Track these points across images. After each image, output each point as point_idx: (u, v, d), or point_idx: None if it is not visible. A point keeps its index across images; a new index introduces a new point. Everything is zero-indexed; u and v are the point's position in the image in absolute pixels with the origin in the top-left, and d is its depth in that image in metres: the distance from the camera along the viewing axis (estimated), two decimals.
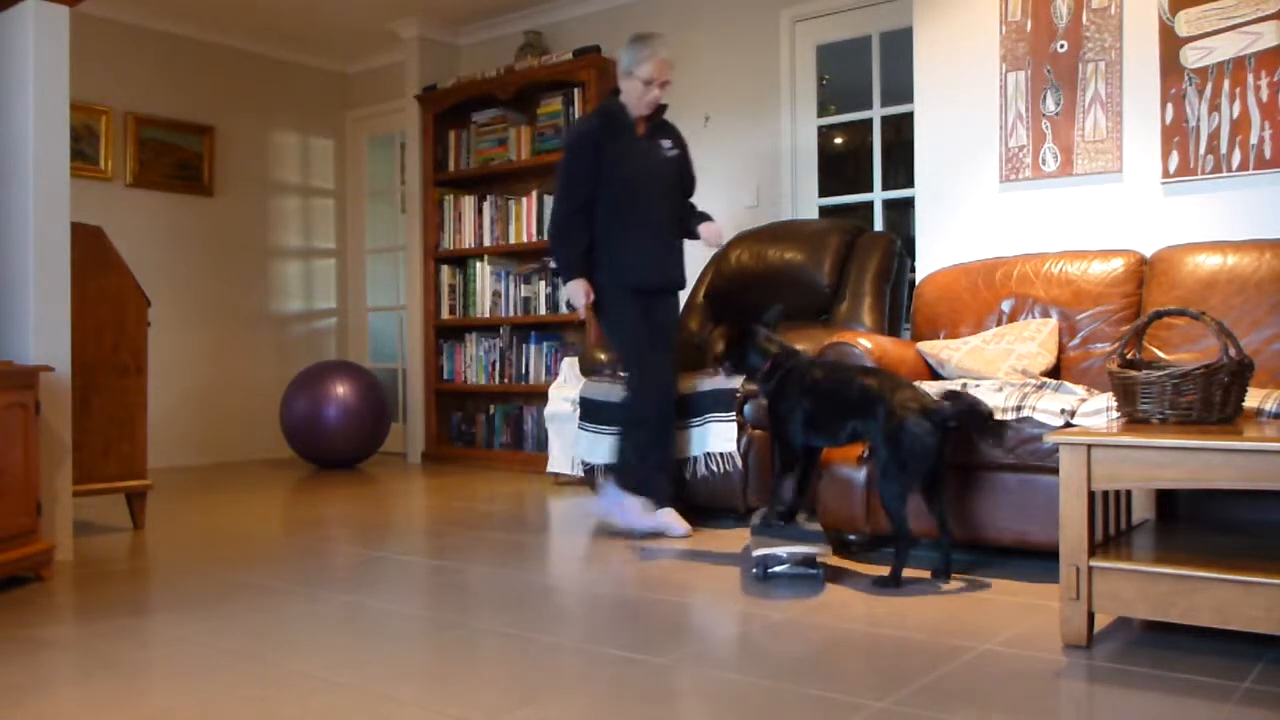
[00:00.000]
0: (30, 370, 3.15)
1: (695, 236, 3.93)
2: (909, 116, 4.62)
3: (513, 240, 6.12)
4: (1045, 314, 3.68)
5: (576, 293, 3.78)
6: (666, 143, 3.88)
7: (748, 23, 5.44)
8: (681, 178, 3.94)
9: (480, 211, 6.28)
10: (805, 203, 5.30)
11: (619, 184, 3.75)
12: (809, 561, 3.01)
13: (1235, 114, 3.57)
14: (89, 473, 3.80)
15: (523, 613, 2.66)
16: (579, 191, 3.74)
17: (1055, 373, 3.58)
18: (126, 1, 6.09)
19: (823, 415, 3.12)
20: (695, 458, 3.92)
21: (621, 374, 3.83)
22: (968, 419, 2.90)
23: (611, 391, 4.23)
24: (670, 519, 3.68)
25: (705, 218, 3.96)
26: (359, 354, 7.39)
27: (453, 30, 6.69)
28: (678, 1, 5.71)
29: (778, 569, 3.06)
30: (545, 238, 3.83)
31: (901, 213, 5.35)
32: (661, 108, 3.86)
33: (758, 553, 3.02)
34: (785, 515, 3.26)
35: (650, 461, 3.70)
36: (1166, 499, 2.80)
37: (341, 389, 5.93)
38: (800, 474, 3.25)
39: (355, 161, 7.44)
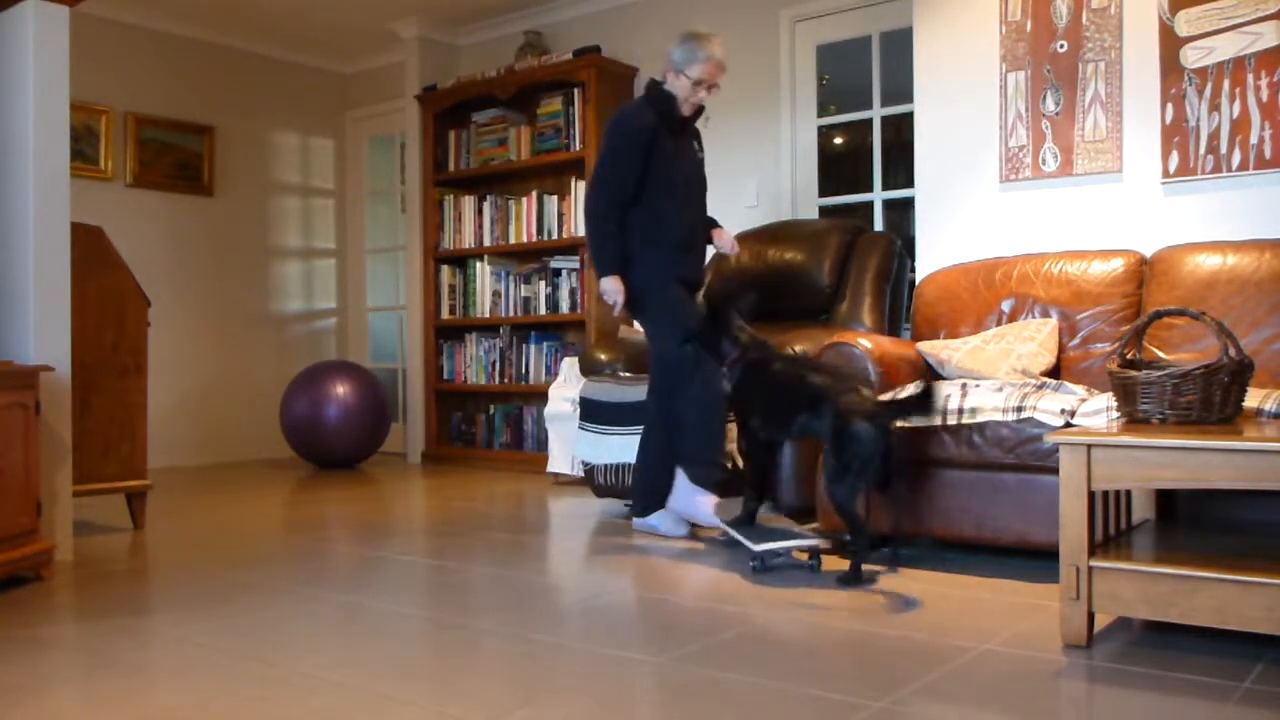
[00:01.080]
0: (30, 370, 3.15)
1: (710, 241, 3.91)
2: (909, 116, 4.62)
3: (513, 240, 6.12)
4: (1045, 314, 3.68)
5: (616, 289, 3.66)
6: (696, 144, 3.85)
7: (748, 23, 5.44)
8: (704, 181, 3.91)
9: (480, 211, 6.28)
10: (805, 203, 5.30)
11: (668, 181, 3.65)
12: (813, 553, 3.09)
13: (1235, 114, 3.57)
14: (89, 473, 3.80)
15: (523, 613, 2.66)
16: (626, 184, 3.61)
17: (1055, 373, 3.58)
18: (126, 1, 6.09)
19: (776, 409, 3.15)
20: None
21: (691, 366, 3.59)
22: (916, 407, 2.96)
23: (612, 391, 4.23)
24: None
25: (715, 223, 3.95)
26: (359, 354, 7.39)
27: (453, 30, 6.69)
28: (677, 1, 5.71)
29: (776, 562, 3.12)
30: (584, 225, 3.77)
31: (901, 213, 5.35)
32: (699, 110, 3.77)
33: (759, 548, 3.05)
34: (746, 519, 3.29)
35: (710, 440, 3.58)
36: (1166, 499, 2.80)
37: (341, 389, 5.93)
38: (760, 470, 3.28)
39: (355, 161, 7.44)
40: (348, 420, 5.93)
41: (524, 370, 6.11)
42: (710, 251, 4.03)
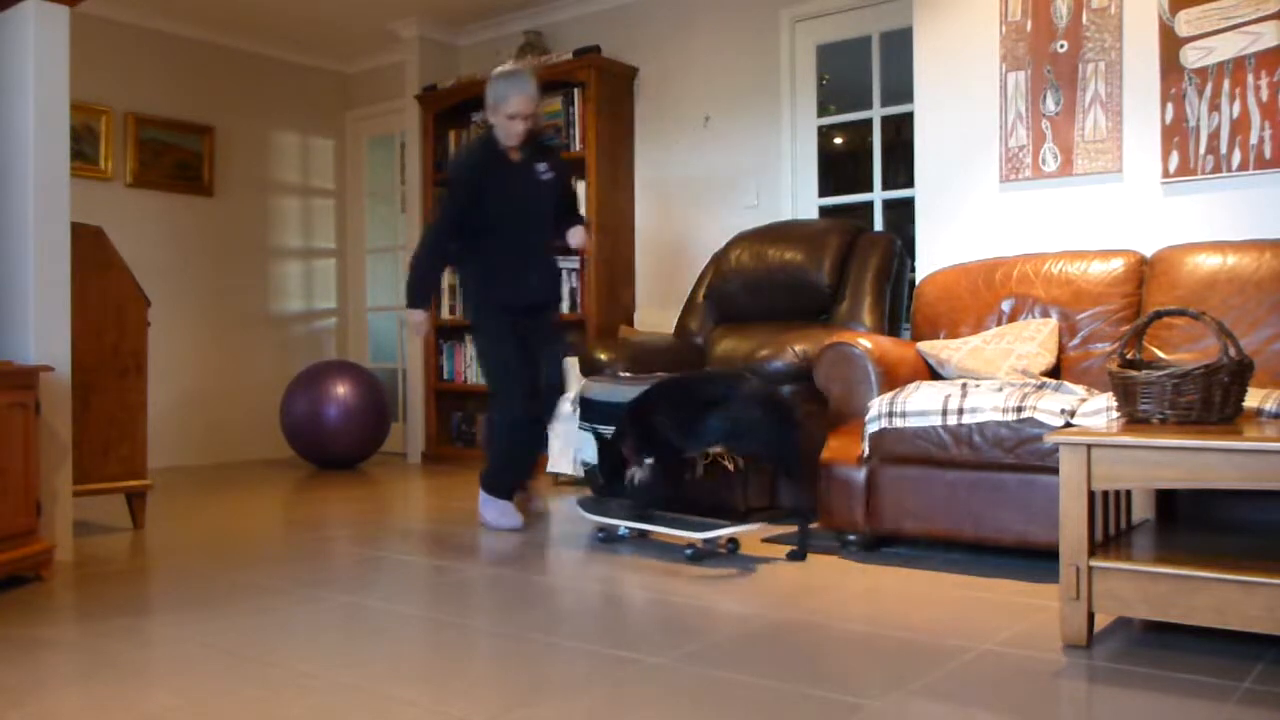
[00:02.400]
0: (30, 370, 3.15)
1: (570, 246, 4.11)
2: (909, 116, 4.62)
3: None
4: (1045, 314, 3.68)
5: (422, 321, 4.08)
6: (542, 166, 4.02)
7: (748, 23, 5.44)
8: (558, 199, 4.08)
9: None
10: (805, 203, 5.30)
11: (493, 212, 3.93)
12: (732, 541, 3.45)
13: (1235, 114, 3.57)
14: (89, 473, 3.80)
15: (522, 613, 2.66)
16: (455, 220, 3.96)
17: (1055, 373, 3.58)
18: (126, 1, 6.09)
19: (685, 417, 3.40)
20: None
21: (491, 391, 4.05)
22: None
23: (612, 391, 4.23)
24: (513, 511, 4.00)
25: (576, 222, 4.12)
26: (359, 354, 7.39)
27: (453, 30, 6.69)
28: (677, 1, 5.71)
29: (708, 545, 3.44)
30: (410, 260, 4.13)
31: (901, 213, 5.35)
32: (535, 134, 4.03)
33: (708, 535, 3.28)
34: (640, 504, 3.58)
35: (514, 466, 4.03)
36: (1166, 499, 2.80)
37: (342, 389, 5.94)
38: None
39: (355, 161, 7.44)
40: (348, 420, 5.93)
41: None
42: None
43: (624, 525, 3.58)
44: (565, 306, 5.86)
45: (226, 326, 6.73)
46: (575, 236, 4.06)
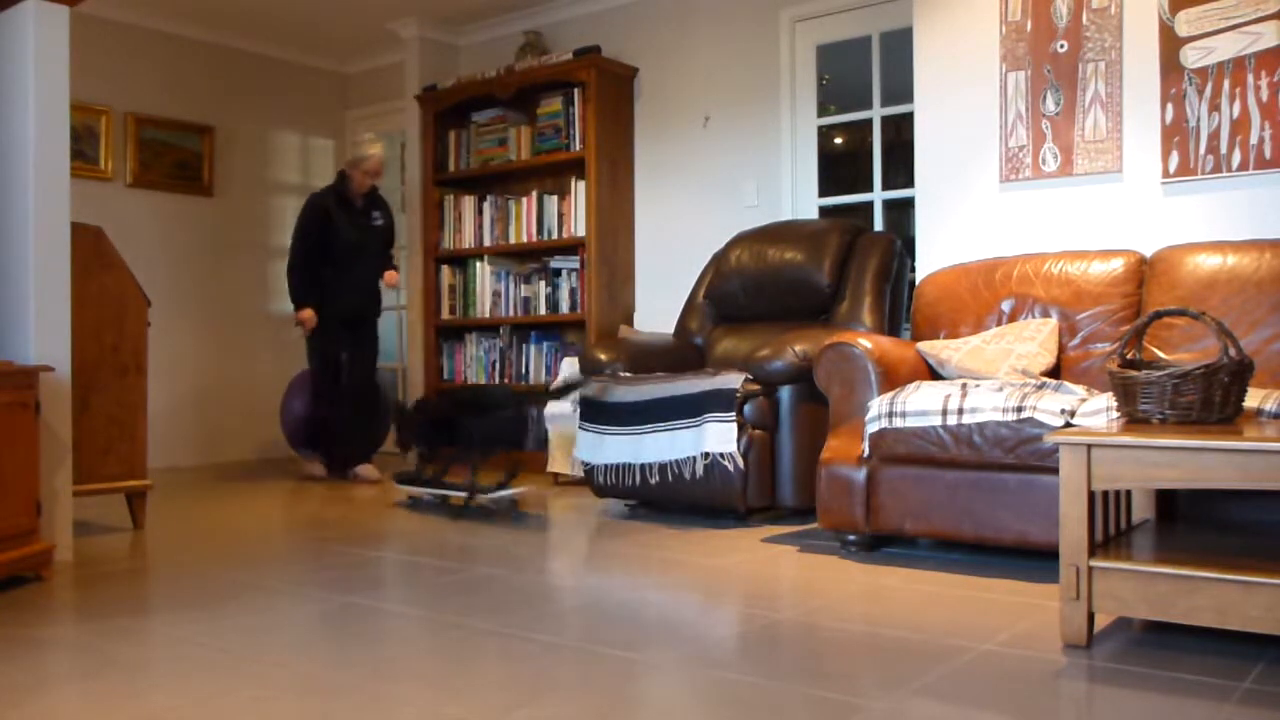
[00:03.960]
0: (30, 370, 3.15)
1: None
2: (909, 116, 4.62)
3: (513, 240, 6.12)
4: (1045, 314, 3.68)
5: (309, 317, 5.30)
6: (376, 214, 5.43)
7: (748, 23, 5.44)
8: (385, 242, 5.46)
9: (480, 211, 6.28)
10: (805, 203, 5.30)
11: (336, 245, 5.26)
12: (512, 501, 4.43)
13: (1235, 114, 3.57)
14: (89, 473, 3.80)
15: (522, 613, 2.66)
16: (308, 245, 5.28)
17: (1055, 373, 3.58)
18: (126, 1, 6.09)
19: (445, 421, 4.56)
20: (693, 458, 3.92)
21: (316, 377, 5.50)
22: (565, 390, 4.47)
23: (611, 392, 4.23)
24: (364, 471, 5.42)
25: (389, 267, 5.48)
26: None
27: (453, 30, 6.69)
28: (677, 1, 5.71)
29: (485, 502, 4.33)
30: (287, 271, 5.46)
31: (901, 213, 5.35)
32: (374, 188, 5.41)
33: (497, 494, 4.24)
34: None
35: (343, 433, 5.44)
36: (1166, 499, 2.80)
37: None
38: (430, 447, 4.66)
39: None
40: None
41: (524, 370, 6.11)
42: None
43: (426, 493, 4.58)
44: (565, 307, 5.88)
45: (226, 326, 6.72)
46: (388, 280, 5.39)
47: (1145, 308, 3.52)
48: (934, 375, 3.69)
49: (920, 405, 3.17)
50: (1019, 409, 3.00)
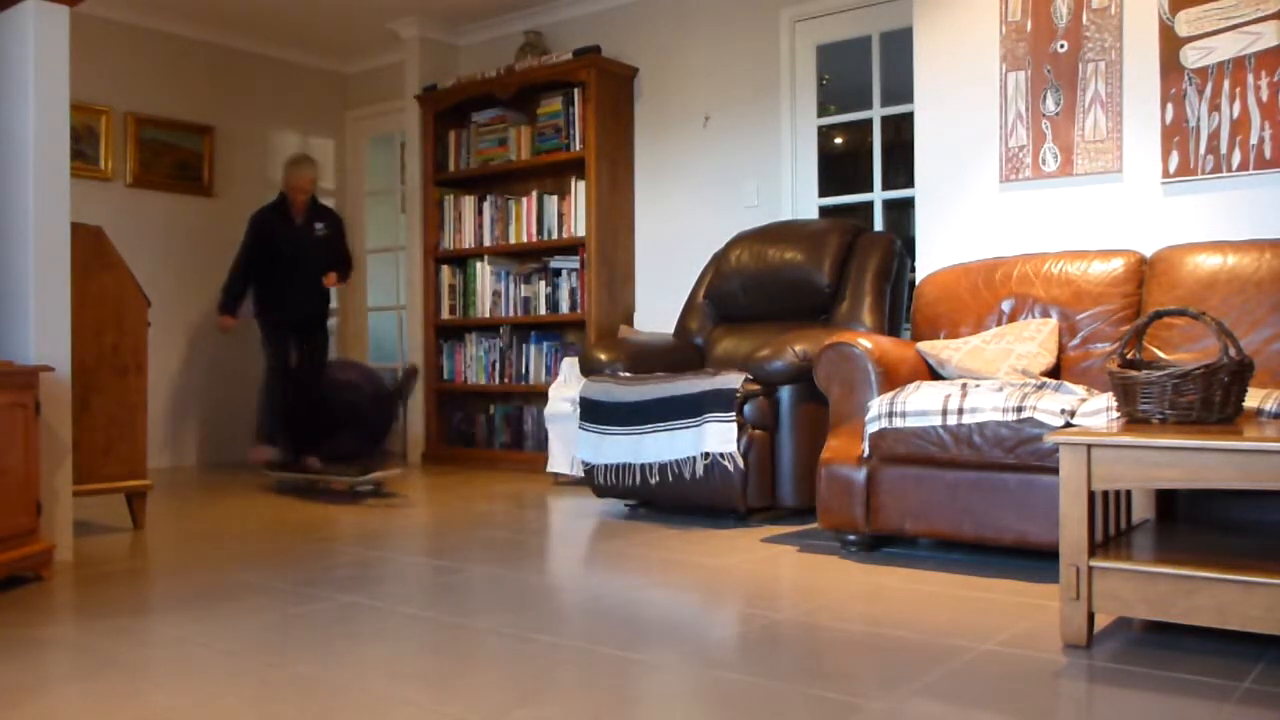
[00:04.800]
0: (30, 370, 3.15)
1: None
2: (909, 116, 4.62)
3: (513, 240, 6.12)
4: (1045, 314, 3.68)
5: (228, 324, 5.60)
6: (320, 225, 5.55)
7: (748, 23, 5.44)
8: (330, 249, 5.57)
9: (480, 211, 6.28)
10: (805, 203, 5.30)
11: (278, 254, 5.48)
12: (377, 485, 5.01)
13: (1235, 114, 3.57)
14: (89, 473, 3.80)
15: (522, 613, 2.66)
16: (251, 255, 5.50)
17: (1055, 373, 3.58)
18: (126, 1, 6.09)
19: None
20: (693, 458, 3.92)
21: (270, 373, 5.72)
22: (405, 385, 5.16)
23: (612, 391, 4.23)
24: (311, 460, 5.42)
25: (333, 269, 5.57)
26: (359, 354, 7.39)
27: (453, 30, 6.69)
28: (677, 1, 5.71)
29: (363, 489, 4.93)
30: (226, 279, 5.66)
31: (901, 213, 5.35)
32: (314, 199, 5.59)
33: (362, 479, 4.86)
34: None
35: (281, 424, 5.58)
36: (1166, 499, 2.80)
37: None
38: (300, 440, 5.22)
39: (355, 161, 7.44)
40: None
41: (524, 370, 6.11)
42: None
43: (298, 478, 5.14)
44: (565, 307, 5.88)
45: None
46: (326, 278, 5.54)
47: (1145, 308, 3.52)
48: (934, 375, 3.69)
49: (920, 405, 3.17)
50: (1019, 409, 3.00)
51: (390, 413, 5.26)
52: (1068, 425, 2.91)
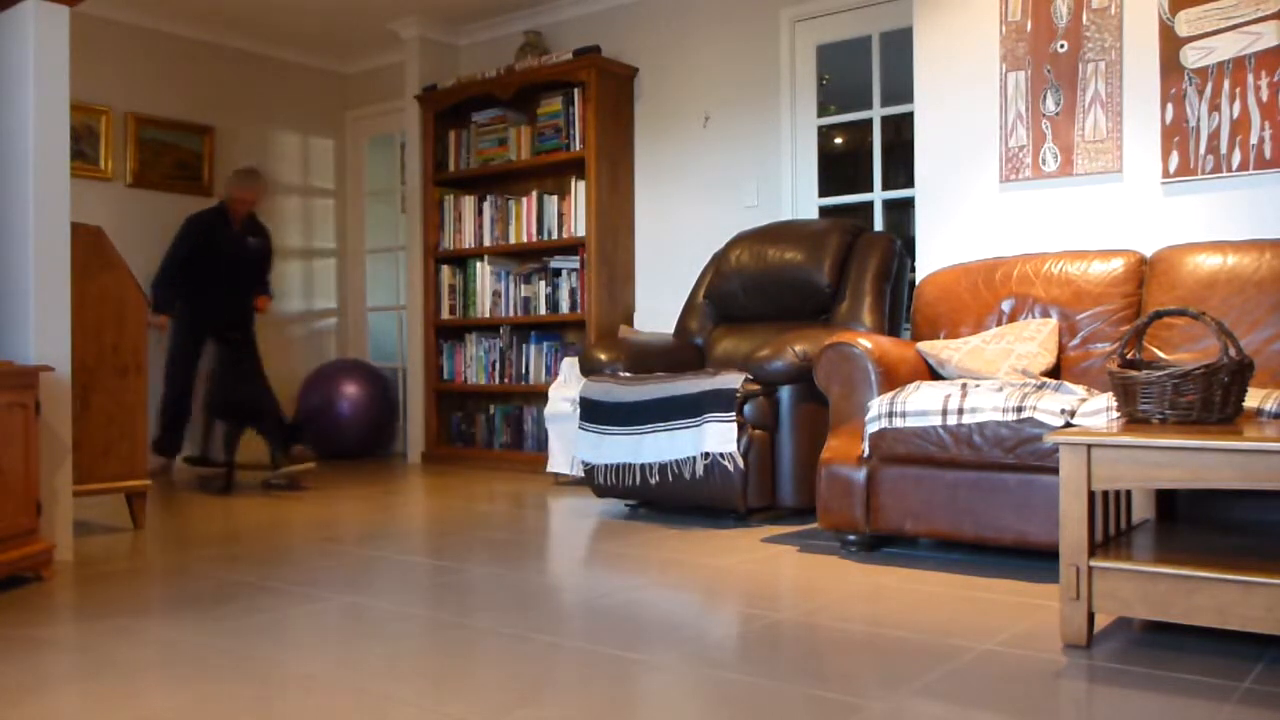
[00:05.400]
0: (30, 370, 3.15)
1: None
2: (909, 116, 4.62)
3: (513, 240, 6.12)
4: (1045, 314, 3.68)
5: (162, 322, 5.67)
6: (252, 239, 5.79)
7: (747, 22, 5.44)
8: (260, 261, 5.83)
9: (480, 211, 6.28)
10: (805, 203, 5.30)
11: (211, 260, 5.63)
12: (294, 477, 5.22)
13: (1235, 114, 3.57)
14: (89, 473, 3.80)
15: (522, 613, 2.66)
16: (184, 257, 5.61)
17: (1055, 373, 3.58)
18: (126, 1, 6.09)
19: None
20: (693, 458, 3.92)
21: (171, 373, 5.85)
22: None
23: (612, 391, 4.23)
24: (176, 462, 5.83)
25: (264, 292, 5.92)
26: (359, 354, 7.39)
27: (453, 30, 6.69)
28: (677, 1, 5.71)
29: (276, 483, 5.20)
30: (155, 281, 5.74)
31: (901, 213, 5.35)
32: (253, 214, 5.81)
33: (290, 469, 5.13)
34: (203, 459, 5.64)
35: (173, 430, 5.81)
36: (1166, 499, 2.80)
37: (351, 389, 6.10)
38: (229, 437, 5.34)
39: (355, 161, 7.44)
40: (358, 419, 6.09)
41: (524, 370, 6.11)
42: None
43: (214, 471, 5.45)
44: (565, 307, 5.88)
45: None
46: (259, 302, 5.83)
47: (1145, 308, 3.52)
48: (934, 375, 3.69)
49: (920, 405, 3.17)
50: (1019, 409, 3.00)
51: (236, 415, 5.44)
52: (1068, 425, 2.91)
